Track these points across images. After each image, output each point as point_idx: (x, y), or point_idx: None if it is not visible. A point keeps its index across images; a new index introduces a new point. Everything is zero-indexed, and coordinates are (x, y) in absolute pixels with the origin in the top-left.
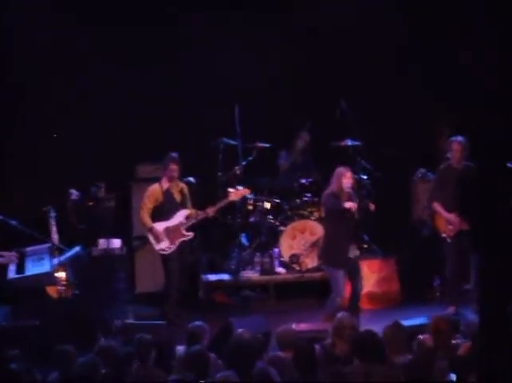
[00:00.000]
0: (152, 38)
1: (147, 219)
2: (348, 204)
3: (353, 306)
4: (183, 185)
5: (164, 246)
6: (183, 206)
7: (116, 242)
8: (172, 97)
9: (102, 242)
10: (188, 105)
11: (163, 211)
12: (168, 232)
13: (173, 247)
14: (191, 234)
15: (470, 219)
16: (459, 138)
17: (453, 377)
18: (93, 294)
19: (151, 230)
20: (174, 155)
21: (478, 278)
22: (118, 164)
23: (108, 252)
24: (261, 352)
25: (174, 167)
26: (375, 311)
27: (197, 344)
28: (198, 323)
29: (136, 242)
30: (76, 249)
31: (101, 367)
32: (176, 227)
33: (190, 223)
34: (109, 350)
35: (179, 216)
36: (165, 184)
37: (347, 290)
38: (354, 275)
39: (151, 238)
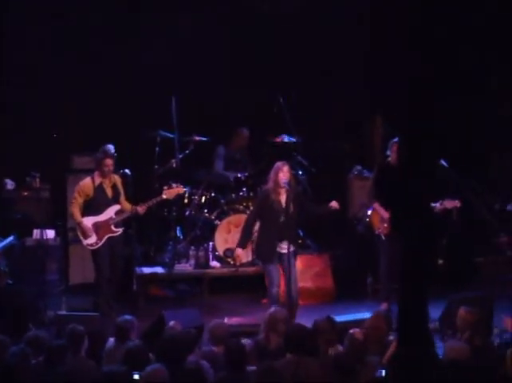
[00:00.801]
0: (89, 27)
1: (76, 214)
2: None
3: (289, 301)
4: (116, 178)
5: (91, 241)
6: (115, 201)
7: (50, 233)
8: (109, 88)
9: (36, 233)
10: (125, 96)
11: (93, 205)
12: (97, 227)
13: (100, 243)
14: (119, 231)
15: (389, 206)
16: None
17: (382, 372)
18: (26, 284)
19: (79, 224)
20: (108, 148)
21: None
22: (53, 155)
23: (42, 243)
24: (192, 346)
25: (109, 162)
26: (308, 306)
27: (125, 338)
28: (126, 317)
29: (71, 233)
30: (10, 239)
31: (31, 357)
32: (105, 223)
33: (120, 219)
34: (39, 340)
35: (110, 212)
36: (97, 179)
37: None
38: (287, 269)
39: (79, 233)
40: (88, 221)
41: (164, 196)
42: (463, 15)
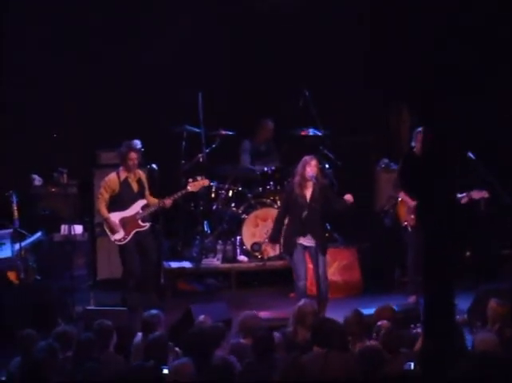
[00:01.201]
0: (115, 23)
1: (103, 210)
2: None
3: (319, 295)
4: (140, 173)
5: (119, 236)
6: (140, 195)
7: (78, 229)
8: (136, 83)
9: (64, 229)
10: (152, 92)
11: (119, 201)
12: (124, 223)
13: (128, 238)
14: (146, 225)
15: (414, 195)
16: None
17: (411, 365)
18: (54, 279)
19: (106, 220)
20: (133, 142)
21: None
22: (80, 150)
23: (70, 238)
24: (219, 340)
25: (133, 156)
26: (336, 300)
27: (152, 332)
28: (153, 312)
29: (98, 228)
30: (38, 234)
31: (59, 352)
32: (132, 218)
33: (146, 213)
34: (67, 335)
35: (136, 206)
36: (123, 174)
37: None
38: (315, 264)
39: (106, 229)
40: (115, 216)
41: (189, 189)
42: None
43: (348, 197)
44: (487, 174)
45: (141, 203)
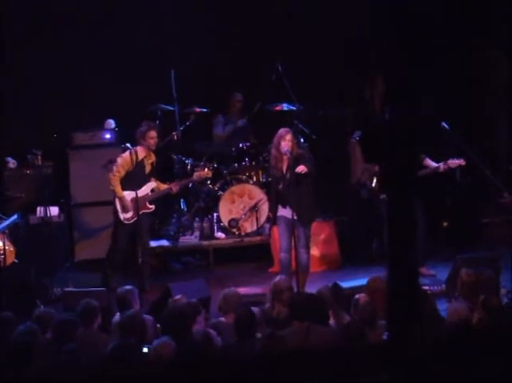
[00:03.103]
0: (87, 4)
1: (118, 188)
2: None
3: (297, 267)
4: (154, 158)
5: (129, 215)
6: (149, 177)
7: (54, 210)
8: (108, 63)
9: (40, 211)
10: (124, 71)
11: (131, 179)
12: (134, 203)
13: (135, 218)
14: (152, 207)
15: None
16: None
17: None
18: (32, 262)
19: (121, 199)
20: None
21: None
22: (54, 132)
23: (46, 220)
24: (195, 316)
25: (153, 134)
26: (315, 274)
27: (128, 308)
28: (127, 287)
29: (75, 209)
30: (14, 217)
31: (40, 334)
32: (143, 198)
33: (154, 197)
34: (47, 317)
35: (147, 188)
36: (141, 153)
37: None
38: (295, 237)
39: (118, 207)
40: (128, 195)
41: (195, 178)
42: None
43: (300, 168)
44: (462, 143)
45: (151, 185)
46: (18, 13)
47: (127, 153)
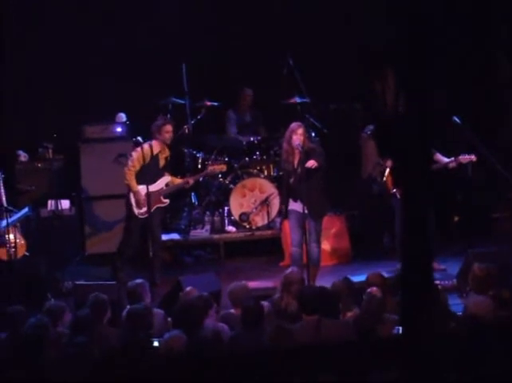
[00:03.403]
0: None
1: (133, 182)
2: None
3: (308, 262)
4: (168, 152)
5: (143, 210)
6: (163, 172)
7: (65, 204)
8: (120, 56)
9: (51, 204)
10: (136, 64)
11: (145, 173)
12: (147, 197)
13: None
14: (167, 202)
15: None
16: None
17: (400, 330)
18: (43, 255)
19: (136, 194)
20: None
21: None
22: (65, 125)
23: (57, 213)
24: (207, 310)
25: (169, 128)
26: (325, 268)
27: (138, 302)
28: (137, 281)
29: (86, 203)
30: (25, 210)
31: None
32: (156, 193)
33: (168, 191)
34: (58, 310)
35: (161, 183)
36: (156, 148)
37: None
38: (306, 231)
39: (132, 201)
40: (143, 190)
41: (209, 171)
42: None
43: (311, 163)
44: (473, 138)
45: (166, 179)
46: (18, 13)
47: (142, 147)
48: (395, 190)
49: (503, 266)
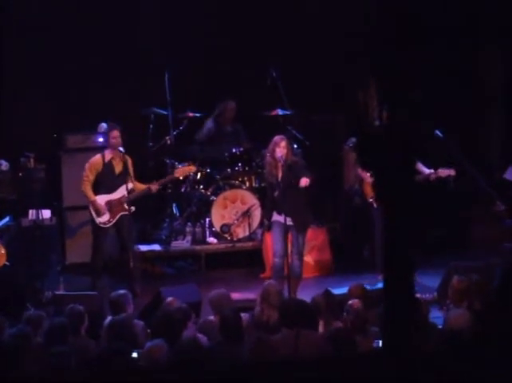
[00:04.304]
0: (81, 6)
1: (89, 192)
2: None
3: (290, 273)
4: (127, 158)
5: (105, 219)
6: (122, 178)
7: (46, 213)
8: (101, 66)
9: (32, 213)
10: (119, 74)
11: (101, 182)
12: (110, 205)
13: (113, 221)
14: (132, 209)
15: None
16: None
17: (379, 343)
18: (23, 265)
19: (93, 203)
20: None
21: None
22: (47, 134)
23: (38, 223)
24: (186, 321)
25: (115, 134)
26: (307, 280)
27: (121, 312)
28: (120, 292)
29: (67, 212)
30: (6, 220)
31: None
32: (118, 201)
33: (132, 198)
34: (37, 320)
35: (123, 190)
36: (108, 155)
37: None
38: (290, 243)
39: (92, 211)
40: (102, 199)
41: (176, 175)
42: None
43: (304, 181)
44: (455, 151)
45: (128, 186)
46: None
47: (94, 157)
48: (371, 199)
49: (483, 279)
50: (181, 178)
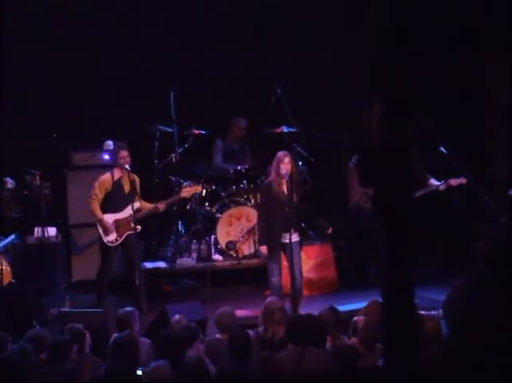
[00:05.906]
0: (88, 24)
1: (97, 211)
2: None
3: (293, 291)
4: (135, 177)
5: (112, 238)
6: (130, 197)
7: (52, 231)
8: (108, 84)
9: (37, 231)
10: (124, 92)
11: (110, 201)
12: (117, 224)
13: (120, 240)
14: (138, 228)
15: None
16: None
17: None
18: (29, 282)
19: (101, 221)
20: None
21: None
22: (53, 152)
23: (44, 240)
24: (192, 341)
25: (124, 154)
26: (312, 297)
27: (127, 330)
28: (127, 309)
29: (73, 230)
30: (12, 237)
31: (33, 354)
32: (125, 220)
33: (140, 217)
34: (40, 338)
35: (130, 209)
36: (117, 174)
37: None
38: (291, 260)
39: (100, 230)
40: (109, 218)
41: (183, 195)
42: None
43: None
44: (461, 167)
45: (135, 205)
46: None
47: (104, 175)
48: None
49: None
50: (187, 197)
